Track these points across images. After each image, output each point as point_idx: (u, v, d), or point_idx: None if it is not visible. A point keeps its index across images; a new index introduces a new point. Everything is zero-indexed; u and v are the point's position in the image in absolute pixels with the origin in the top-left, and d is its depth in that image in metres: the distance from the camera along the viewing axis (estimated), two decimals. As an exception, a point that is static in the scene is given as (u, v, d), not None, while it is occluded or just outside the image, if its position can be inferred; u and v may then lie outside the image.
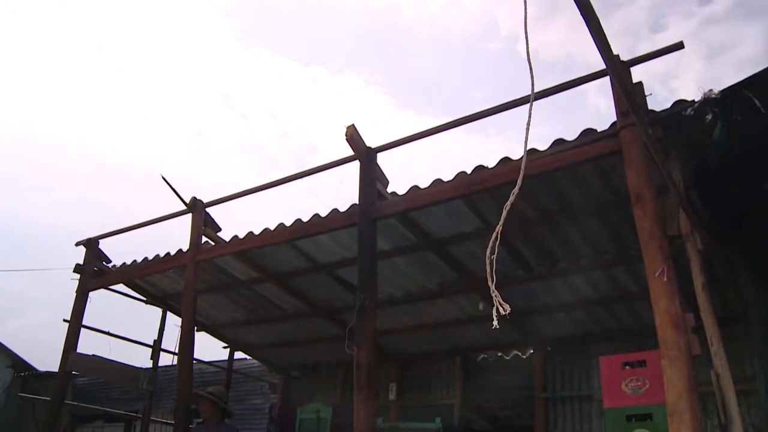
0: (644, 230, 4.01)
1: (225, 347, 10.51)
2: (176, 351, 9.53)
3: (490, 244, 2.67)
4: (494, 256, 2.64)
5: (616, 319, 7.76)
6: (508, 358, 9.20)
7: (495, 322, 2.47)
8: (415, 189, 5.51)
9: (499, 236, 2.67)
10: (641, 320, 7.51)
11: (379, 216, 5.53)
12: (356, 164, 5.72)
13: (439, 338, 8.88)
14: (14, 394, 16.34)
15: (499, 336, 8.61)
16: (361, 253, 5.37)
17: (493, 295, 2.51)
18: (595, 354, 7.90)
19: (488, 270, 2.61)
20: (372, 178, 5.61)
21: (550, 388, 8.35)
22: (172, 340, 12.59)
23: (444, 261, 6.84)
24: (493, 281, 2.55)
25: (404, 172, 6.10)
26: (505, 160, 5.14)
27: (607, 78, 4.46)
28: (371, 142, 5.74)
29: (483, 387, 10.47)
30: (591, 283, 7.09)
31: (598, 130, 4.68)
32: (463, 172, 5.31)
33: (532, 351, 8.77)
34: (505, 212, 2.76)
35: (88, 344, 8.16)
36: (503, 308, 2.43)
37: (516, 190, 2.81)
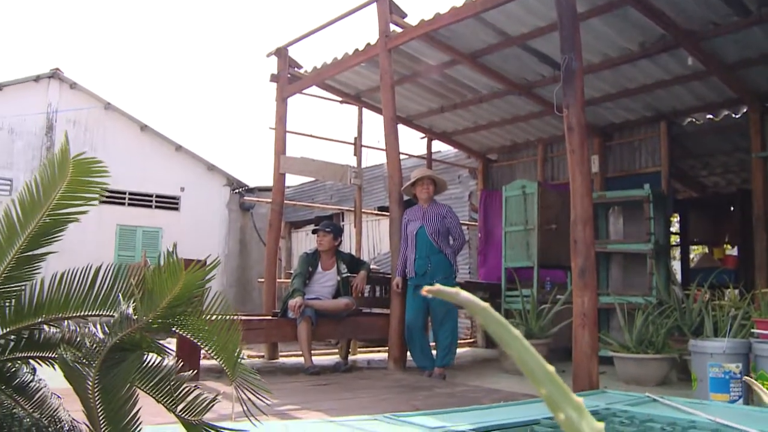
0: None
1: (422, 137, 10.75)
2: (378, 147, 9.96)
3: None
4: None
5: None
6: (718, 119, 8.58)
7: None
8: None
9: None
10: None
11: (575, -31, 5.16)
12: None
13: (642, 104, 8.43)
14: (234, 209, 18.25)
15: (708, 95, 8.02)
16: (560, 11, 5.07)
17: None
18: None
19: None
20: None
21: (769, 147, 7.76)
22: (368, 140, 13.08)
23: (646, 15, 6.31)
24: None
25: None
26: None
27: None
28: None
29: (691, 153, 10.07)
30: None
31: None
32: None
33: (746, 109, 8.11)
34: None
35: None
36: None
37: None
